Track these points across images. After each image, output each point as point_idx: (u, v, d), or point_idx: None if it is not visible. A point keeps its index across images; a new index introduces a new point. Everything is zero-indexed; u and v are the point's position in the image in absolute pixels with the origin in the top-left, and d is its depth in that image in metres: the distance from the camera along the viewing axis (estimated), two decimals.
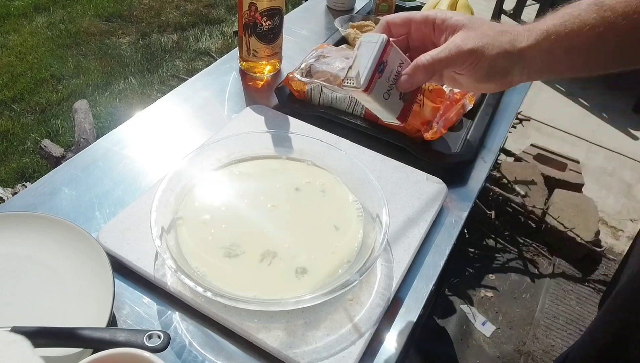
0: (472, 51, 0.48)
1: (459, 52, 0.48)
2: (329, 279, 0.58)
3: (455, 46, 0.48)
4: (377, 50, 0.49)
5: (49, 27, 2.84)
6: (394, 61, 0.51)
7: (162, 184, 0.63)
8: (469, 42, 0.48)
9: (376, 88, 0.50)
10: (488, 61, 0.48)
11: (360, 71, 0.49)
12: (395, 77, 0.51)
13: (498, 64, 0.48)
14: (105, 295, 0.55)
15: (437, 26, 0.50)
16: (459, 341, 1.54)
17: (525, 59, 0.48)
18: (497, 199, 1.86)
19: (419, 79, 0.50)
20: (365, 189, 0.67)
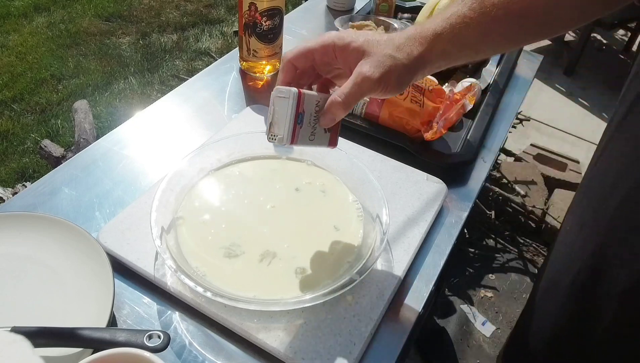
0: (380, 78, 0.50)
1: (369, 83, 0.50)
2: (329, 279, 0.58)
3: (363, 77, 0.50)
4: (292, 105, 0.51)
5: (49, 27, 2.84)
6: (310, 106, 0.53)
7: (162, 184, 0.63)
8: (375, 71, 0.50)
9: (300, 138, 0.53)
10: (395, 81, 0.51)
11: (281, 128, 0.52)
12: (315, 117, 0.54)
13: (404, 79, 0.52)
14: (105, 295, 0.55)
15: (339, 50, 0.52)
16: (459, 341, 1.54)
17: (424, 64, 0.52)
18: (497, 199, 1.86)
19: (339, 115, 0.52)
20: (365, 189, 0.67)
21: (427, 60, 0.51)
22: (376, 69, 0.50)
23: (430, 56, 0.51)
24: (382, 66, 0.50)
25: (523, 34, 0.52)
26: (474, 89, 0.84)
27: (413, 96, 0.80)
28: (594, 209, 0.50)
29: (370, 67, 0.50)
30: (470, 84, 0.87)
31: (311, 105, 0.53)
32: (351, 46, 0.51)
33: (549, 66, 2.76)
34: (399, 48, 0.50)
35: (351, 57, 0.51)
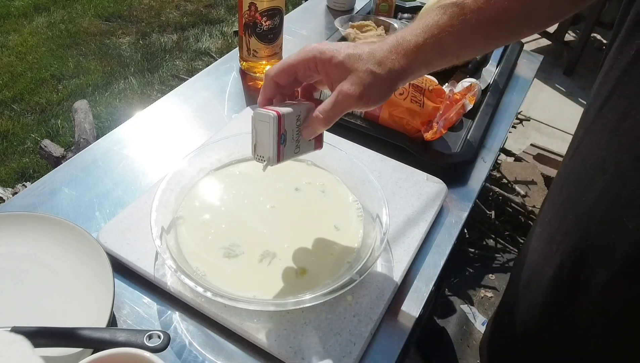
0: (361, 95, 0.51)
1: (350, 100, 0.51)
2: (329, 279, 0.58)
3: (344, 95, 0.51)
4: (273, 130, 0.52)
5: (49, 27, 2.84)
6: (291, 124, 0.54)
7: (162, 184, 0.63)
8: (356, 89, 0.50)
9: (285, 154, 0.55)
10: (377, 95, 0.52)
11: (267, 150, 0.54)
12: (297, 131, 0.55)
13: (385, 92, 0.53)
14: (105, 295, 0.55)
15: (321, 64, 0.52)
16: (459, 341, 1.54)
17: (406, 75, 0.52)
18: (497, 199, 1.86)
19: (319, 130, 0.54)
20: (365, 189, 0.67)
21: (409, 72, 0.52)
22: (357, 87, 0.50)
23: (412, 68, 0.52)
24: (363, 83, 0.50)
25: (502, 36, 0.53)
26: (474, 89, 0.84)
27: (413, 96, 0.80)
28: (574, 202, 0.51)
29: (351, 85, 0.50)
30: (470, 84, 0.87)
31: (292, 122, 0.54)
32: (332, 61, 0.51)
33: (549, 66, 2.76)
34: (380, 63, 0.51)
35: (333, 73, 0.52)
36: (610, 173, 0.44)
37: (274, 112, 0.52)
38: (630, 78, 0.40)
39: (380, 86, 0.51)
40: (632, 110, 0.40)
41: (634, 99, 0.40)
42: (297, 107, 0.55)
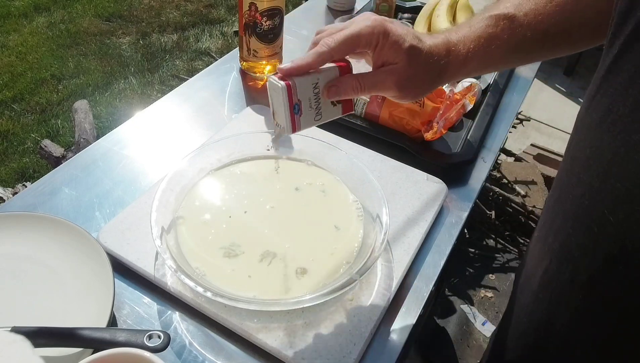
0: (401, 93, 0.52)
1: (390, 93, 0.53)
2: (329, 279, 0.58)
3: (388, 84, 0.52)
4: (284, 99, 0.51)
5: (49, 27, 2.84)
6: (306, 92, 0.52)
7: (162, 184, 0.63)
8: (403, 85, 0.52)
9: (302, 124, 0.53)
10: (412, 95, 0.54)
11: (281, 119, 0.53)
12: (316, 98, 0.53)
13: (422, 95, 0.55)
14: (105, 295, 0.55)
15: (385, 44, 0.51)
16: (459, 341, 1.54)
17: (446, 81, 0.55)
18: (497, 199, 1.86)
19: (348, 94, 0.53)
20: (365, 189, 0.67)
21: (452, 77, 0.54)
22: (404, 84, 0.51)
23: (456, 75, 0.53)
24: (411, 84, 0.51)
25: (544, 52, 0.54)
26: (474, 89, 0.84)
27: None
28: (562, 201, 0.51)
29: (398, 76, 0.51)
30: (470, 84, 0.87)
31: (307, 91, 0.52)
32: (395, 47, 0.51)
33: (549, 66, 2.76)
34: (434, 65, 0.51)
35: (389, 56, 0.51)
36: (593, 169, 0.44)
37: (283, 82, 0.50)
38: (613, 76, 0.41)
39: (422, 88, 0.52)
40: (614, 106, 0.40)
41: (616, 96, 0.40)
42: (315, 74, 0.52)
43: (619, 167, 0.40)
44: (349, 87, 0.52)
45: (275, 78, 0.51)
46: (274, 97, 0.52)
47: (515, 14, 0.51)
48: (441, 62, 0.52)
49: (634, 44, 0.38)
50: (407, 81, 0.51)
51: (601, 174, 0.43)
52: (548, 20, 0.50)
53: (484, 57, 0.52)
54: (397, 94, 0.53)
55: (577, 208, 0.47)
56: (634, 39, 0.38)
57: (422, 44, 0.51)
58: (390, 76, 0.51)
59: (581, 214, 0.47)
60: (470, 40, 0.52)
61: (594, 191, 0.44)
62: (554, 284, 0.51)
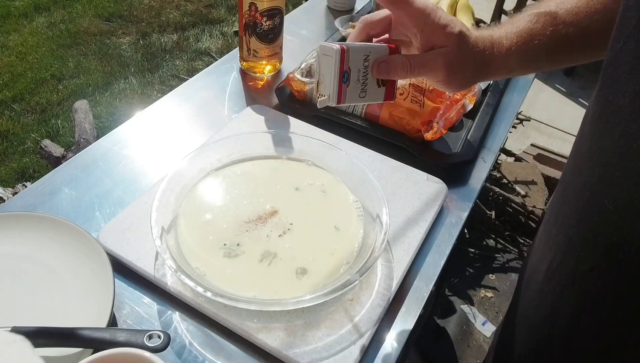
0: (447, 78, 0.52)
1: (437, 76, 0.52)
2: (329, 279, 0.58)
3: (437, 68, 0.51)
4: (335, 64, 0.50)
5: (49, 27, 2.84)
6: (357, 61, 0.51)
7: (162, 184, 0.63)
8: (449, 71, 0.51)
9: (348, 96, 0.52)
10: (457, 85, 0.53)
11: (327, 88, 0.52)
12: (365, 72, 0.52)
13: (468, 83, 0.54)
14: (105, 295, 0.54)
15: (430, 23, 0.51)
16: (459, 341, 1.54)
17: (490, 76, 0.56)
18: (497, 199, 1.86)
19: (396, 73, 0.53)
20: (365, 189, 0.67)
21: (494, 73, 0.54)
22: (453, 68, 0.51)
23: (497, 71, 0.53)
24: (459, 69, 0.51)
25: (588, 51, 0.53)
26: (474, 89, 0.84)
27: (413, 96, 0.80)
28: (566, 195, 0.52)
29: (449, 61, 0.51)
30: None
31: (358, 60, 0.51)
32: (446, 29, 0.50)
33: None
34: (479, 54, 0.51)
35: (438, 39, 0.51)
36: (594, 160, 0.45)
37: (337, 45, 0.50)
38: (613, 68, 0.42)
39: (468, 77, 0.52)
40: (614, 98, 0.41)
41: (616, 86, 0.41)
42: (368, 47, 0.52)
43: (618, 157, 0.41)
44: (399, 65, 0.52)
45: (327, 43, 0.51)
46: (324, 63, 0.51)
47: (557, 11, 0.50)
48: (486, 52, 0.51)
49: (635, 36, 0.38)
50: (454, 66, 0.51)
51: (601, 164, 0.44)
52: (589, 17, 0.50)
53: (526, 53, 0.51)
54: (445, 78, 0.52)
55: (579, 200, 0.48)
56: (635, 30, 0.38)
57: (469, 32, 0.52)
58: (440, 57, 0.51)
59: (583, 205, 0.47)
60: (513, 35, 0.52)
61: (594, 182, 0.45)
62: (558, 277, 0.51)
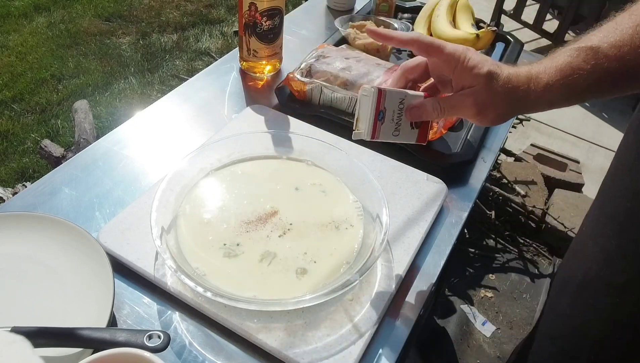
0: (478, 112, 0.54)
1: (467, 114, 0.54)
2: (329, 279, 0.58)
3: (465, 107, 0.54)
4: (372, 102, 0.55)
5: (49, 27, 2.84)
6: (393, 103, 0.56)
7: (162, 184, 0.63)
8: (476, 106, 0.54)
9: (382, 133, 0.57)
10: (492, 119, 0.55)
11: (363, 124, 0.57)
12: (399, 113, 0.57)
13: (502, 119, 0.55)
14: (105, 295, 0.55)
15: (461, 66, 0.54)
16: (459, 341, 1.54)
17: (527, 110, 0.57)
18: (497, 199, 1.86)
19: (427, 115, 0.56)
20: (365, 189, 0.67)
21: (532, 108, 0.55)
22: (479, 105, 0.53)
23: (537, 105, 0.54)
24: (485, 104, 0.53)
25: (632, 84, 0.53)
26: None
27: None
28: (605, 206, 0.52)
29: (475, 100, 0.53)
30: None
31: (394, 102, 0.56)
32: (474, 70, 0.53)
33: None
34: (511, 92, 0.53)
35: (467, 79, 0.54)
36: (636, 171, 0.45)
37: (376, 87, 0.55)
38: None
39: (501, 113, 0.54)
40: None
41: None
42: (404, 92, 0.57)
43: None
44: (429, 107, 0.56)
45: (368, 85, 0.57)
46: (363, 101, 0.57)
47: (600, 46, 0.51)
48: (520, 88, 0.53)
49: None
50: (484, 105, 0.53)
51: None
52: (634, 51, 0.50)
53: (567, 88, 0.52)
54: (476, 117, 0.55)
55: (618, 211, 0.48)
56: None
57: (500, 70, 0.53)
58: (468, 98, 0.54)
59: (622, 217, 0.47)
60: (552, 70, 0.52)
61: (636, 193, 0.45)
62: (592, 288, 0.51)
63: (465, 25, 1.03)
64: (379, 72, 0.83)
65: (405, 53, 1.08)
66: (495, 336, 1.57)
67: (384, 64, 0.86)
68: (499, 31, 1.03)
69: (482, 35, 0.98)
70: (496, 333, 1.58)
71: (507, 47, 1.04)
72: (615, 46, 0.50)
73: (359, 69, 0.84)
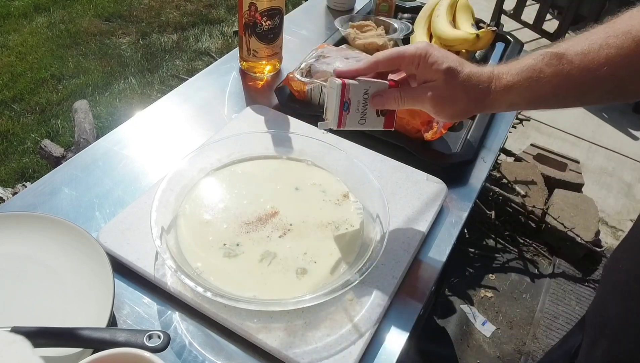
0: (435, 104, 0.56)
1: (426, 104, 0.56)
2: (329, 279, 0.58)
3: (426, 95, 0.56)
4: (337, 95, 0.58)
5: (49, 27, 2.84)
6: (357, 94, 0.59)
7: (162, 184, 0.63)
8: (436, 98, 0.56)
9: (348, 122, 0.60)
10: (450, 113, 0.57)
11: (329, 114, 0.60)
12: (364, 103, 0.60)
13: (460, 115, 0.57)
14: (105, 295, 0.55)
15: (423, 63, 0.56)
16: (459, 341, 1.54)
17: (485, 109, 0.57)
18: (497, 199, 1.86)
19: (389, 104, 0.59)
20: (365, 189, 0.67)
21: (491, 106, 0.56)
22: (438, 98, 0.55)
23: (495, 104, 0.55)
24: (444, 97, 0.55)
25: (597, 94, 0.53)
26: None
27: None
28: None
29: (434, 93, 0.55)
30: None
31: (358, 93, 0.59)
32: (434, 66, 0.55)
33: None
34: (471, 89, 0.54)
35: (428, 74, 0.56)
36: None
37: (340, 80, 0.58)
38: None
39: (459, 109, 0.56)
40: None
41: None
42: (368, 83, 0.59)
43: None
44: (391, 97, 0.58)
45: (334, 78, 0.59)
46: (330, 93, 0.60)
47: (565, 52, 0.51)
48: (479, 86, 0.54)
49: None
50: (443, 99, 0.55)
51: None
52: (598, 62, 0.50)
53: (527, 89, 0.53)
54: (433, 109, 0.57)
55: None
56: None
57: (461, 68, 0.55)
58: (427, 91, 0.56)
59: None
60: (514, 71, 0.53)
61: None
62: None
63: (465, 25, 1.03)
64: None
65: None
66: (495, 336, 1.57)
67: None
68: (499, 31, 1.03)
69: (482, 35, 0.98)
70: (496, 333, 1.58)
71: (507, 47, 1.04)
72: (581, 53, 0.51)
73: None
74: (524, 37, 2.02)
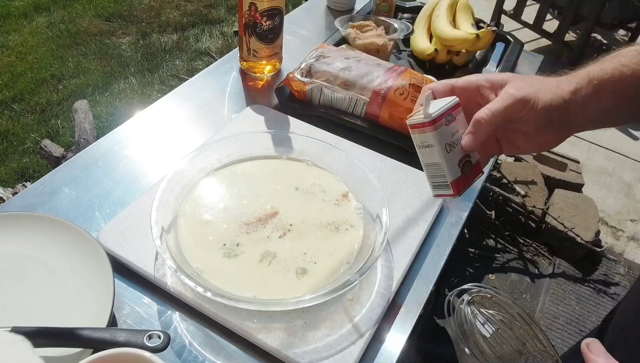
0: (527, 97, 0.48)
1: (515, 100, 0.48)
2: (329, 279, 0.58)
3: (509, 95, 0.48)
4: (449, 103, 0.49)
5: (49, 27, 2.84)
6: (459, 123, 0.50)
7: (162, 184, 0.63)
8: (522, 90, 0.48)
9: (440, 131, 0.49)
10: (543, 105, 0.48)
11: (429, 110, 0.49)
12: (458, 139, 0.50)
13: (553, 108, 0.48)
14: (105, 295, 0.55)
15: (482, 87, 0.51)
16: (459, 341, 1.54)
17: (576, 103, 0.49)
18: (497, 199, 1.86)
19: (482, 135, 0.49)
20: (365, 189, 0.67)
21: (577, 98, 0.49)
22: (523, 89, 0.48)
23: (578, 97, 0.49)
24: (529, 87, 0.48)
25: None
26: None
27: (413, 96, 0.80)
28: None
29: (516, 88, 0.48)
30: None
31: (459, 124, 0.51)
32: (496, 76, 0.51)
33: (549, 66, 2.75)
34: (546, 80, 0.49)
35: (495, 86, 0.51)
36: None
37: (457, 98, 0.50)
38: None
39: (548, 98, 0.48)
40: None
41: None
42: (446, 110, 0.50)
43: None
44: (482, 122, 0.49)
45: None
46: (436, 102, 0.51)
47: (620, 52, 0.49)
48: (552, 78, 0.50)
49: None
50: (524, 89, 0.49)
51: None
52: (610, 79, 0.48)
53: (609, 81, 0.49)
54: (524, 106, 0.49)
55: None
56: None
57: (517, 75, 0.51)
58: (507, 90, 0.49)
59: None
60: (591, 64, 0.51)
61: None
62: None
63: (465, 25, 1.03)
64: (379, 72, 0.83)
65: (406, 53, 1.08)
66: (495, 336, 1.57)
67: (384, 64, 0.86)
68: (499, 31, 1.03)
69: (482, 35, 0.98)
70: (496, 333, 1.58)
71: (507, 47, 1.04)
72: None
73: (359, 69, 0.84)
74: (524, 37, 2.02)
